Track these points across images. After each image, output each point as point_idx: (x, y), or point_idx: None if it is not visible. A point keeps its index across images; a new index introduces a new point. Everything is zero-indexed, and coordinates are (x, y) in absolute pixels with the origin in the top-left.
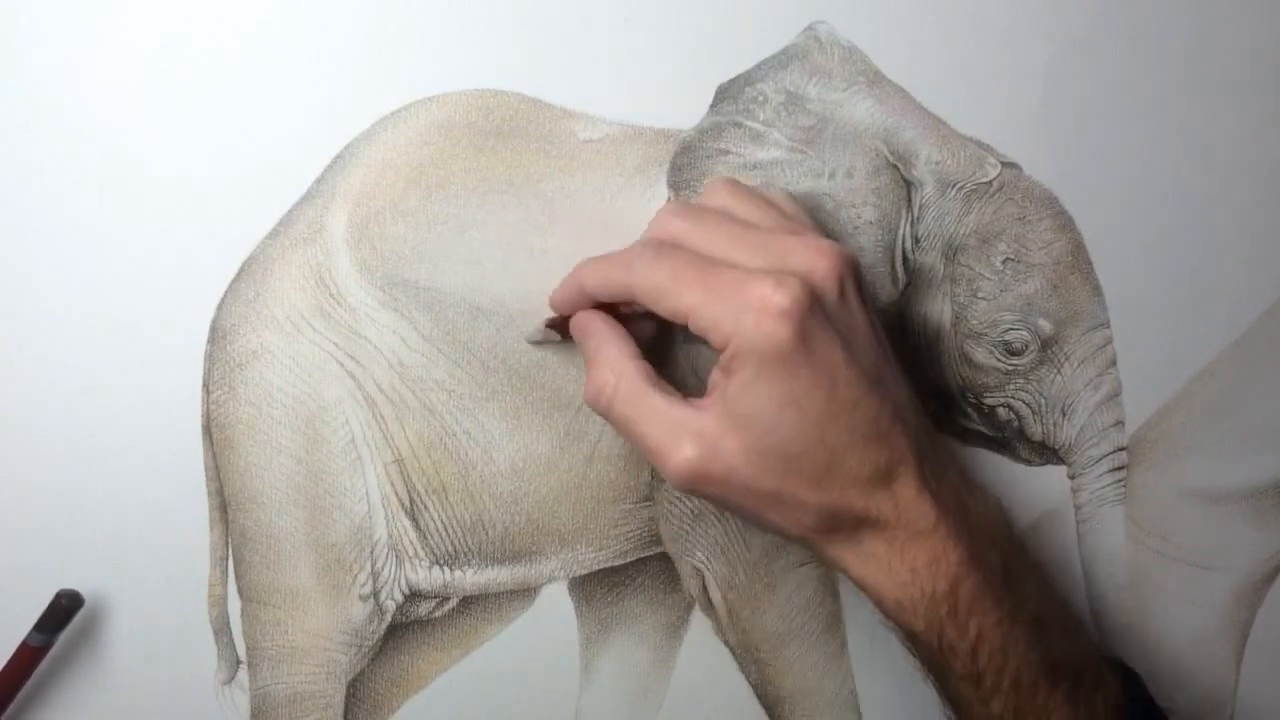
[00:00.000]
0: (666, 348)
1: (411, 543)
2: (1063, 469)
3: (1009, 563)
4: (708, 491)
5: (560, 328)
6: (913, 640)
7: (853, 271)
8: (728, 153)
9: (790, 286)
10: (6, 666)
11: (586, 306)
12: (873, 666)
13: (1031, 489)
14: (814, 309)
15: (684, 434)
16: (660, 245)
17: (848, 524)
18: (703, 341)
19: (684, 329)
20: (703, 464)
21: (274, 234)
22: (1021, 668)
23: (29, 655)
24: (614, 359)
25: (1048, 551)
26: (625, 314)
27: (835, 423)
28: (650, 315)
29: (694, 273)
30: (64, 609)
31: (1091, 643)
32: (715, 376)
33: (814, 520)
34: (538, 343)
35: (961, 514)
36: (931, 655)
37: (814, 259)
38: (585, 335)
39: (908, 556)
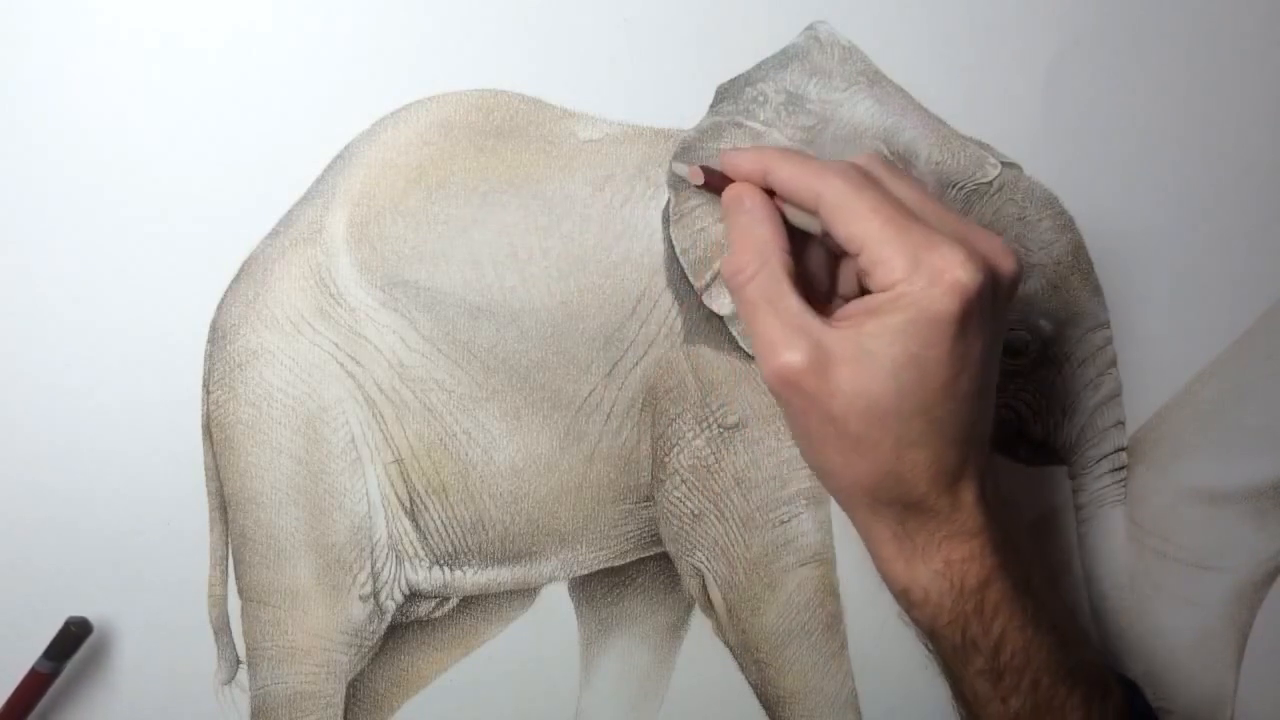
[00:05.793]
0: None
1: (411, 543)
2: (1063, 469)
3: (1030, 574)
4: (792, 400)
5: (710, 183)
6: (932, 633)
7: (1016, 289)
8: None
9: (977, 265)
10: (17, 694)
11: (755, 183)
12: (873, 666)
13: (1031, 489)
14: (983, 298)
15: (802, 339)
16: (862, 175)
17: (900, 501)
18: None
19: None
20: (804, 374)
21: (274, 234)
22: (1042, 670)
23: (38, 681)
24: (764, 242)
25: (1048, 551)
26: None
27: (944, 405)
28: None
29: (891, 210)
30: (74, 635)
31: (1098, 652)
32: (855, 308)
33: (872, 481)
34: (680, 176)
35: (1000, 528)
36: (952, 650)
37: (1003, 255)
38: (740, 208)
39: (945, 549)
